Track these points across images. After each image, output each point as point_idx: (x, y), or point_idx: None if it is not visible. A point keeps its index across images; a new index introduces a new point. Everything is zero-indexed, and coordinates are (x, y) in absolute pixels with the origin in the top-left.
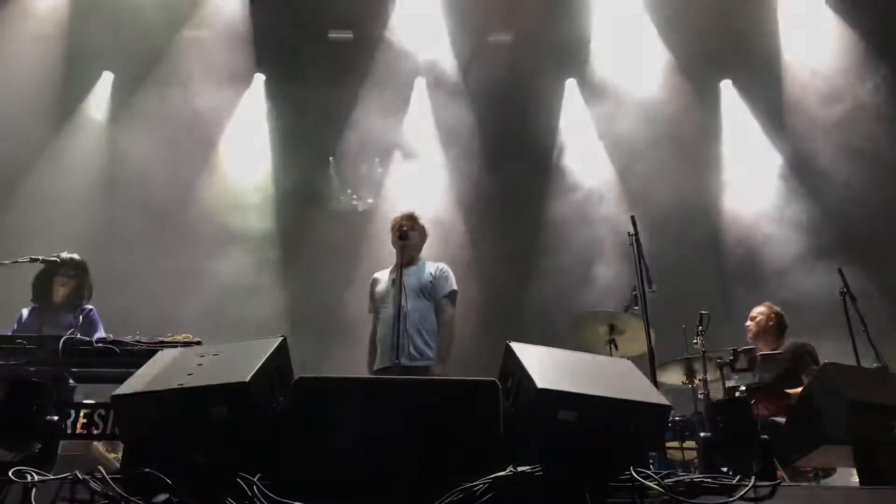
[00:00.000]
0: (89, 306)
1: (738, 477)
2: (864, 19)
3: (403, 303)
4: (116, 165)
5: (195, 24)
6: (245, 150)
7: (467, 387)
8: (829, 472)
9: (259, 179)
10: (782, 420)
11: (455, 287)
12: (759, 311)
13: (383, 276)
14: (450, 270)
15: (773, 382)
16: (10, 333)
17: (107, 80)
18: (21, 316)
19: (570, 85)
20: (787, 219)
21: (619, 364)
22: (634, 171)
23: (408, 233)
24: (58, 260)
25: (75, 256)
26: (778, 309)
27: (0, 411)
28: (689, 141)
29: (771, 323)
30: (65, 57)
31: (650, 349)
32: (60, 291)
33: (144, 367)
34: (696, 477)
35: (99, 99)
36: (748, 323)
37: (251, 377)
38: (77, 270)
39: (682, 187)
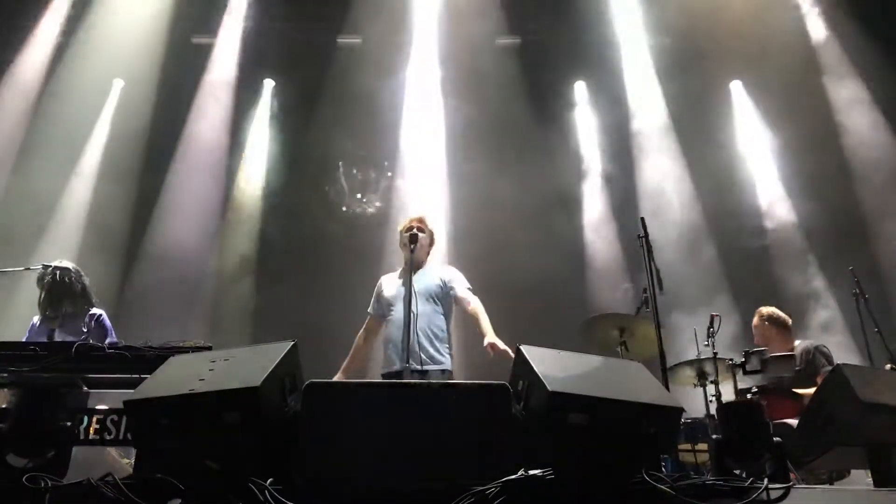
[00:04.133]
0: (99, 311)
1: (751, 479)
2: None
3: (414, 306)
4: (123, 170)
5: (204, 31)
6: (254, 156)
7: (478, 390)
8: (843, 474)
9: (268, 185)
10: (795, 422)
11: (469, 285)
12: (753, 323)
13: (391, 279)
14: (458, 271)
15: (786, 384)
16: (24, 340)
17: (116, 87)
18: (33, 323)
19: (580, 87)
20: (799, 219)
21: (630, 366)
22: (644, 173)
23: (417, 235)
24: (45, 268)
25: (59, 264)
26: (768, 311)
27: (14, 418)
28: (700, 142)
29: (768, 327)
30: (74, 65)
31: (661, 351)
32: (51, 300)
33: (156, 372)
34: (709, 479)
35: (108, 105)
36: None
37: (262, 382)
38: (48, 281)
39: (693, 189)
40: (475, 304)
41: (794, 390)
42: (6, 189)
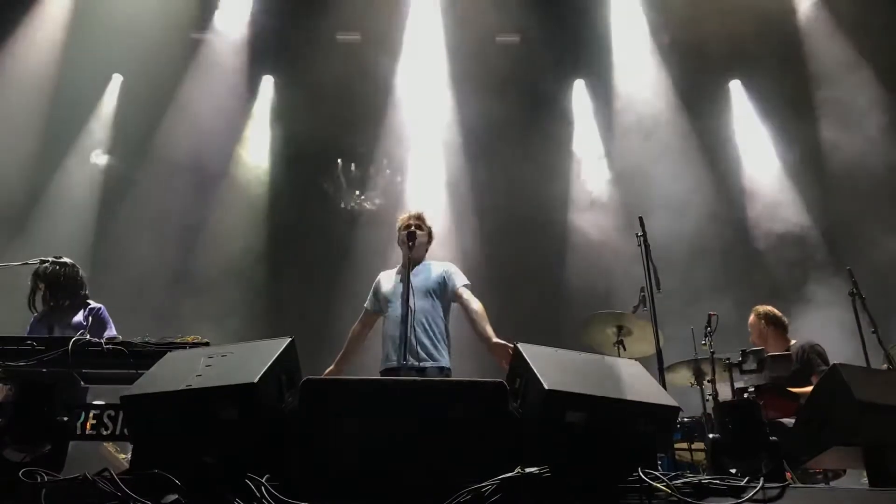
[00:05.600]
0: (98, 305)
1: (747, 478)
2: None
3: (411, 302)
4: (122, 166)
5: (204, 27)
6: (253, 153)
7: (475, 388)
8: (838, 473)
9: (267, 181)
10: (791, 421)
11: (468, 281)
12: (750, 322)
13: (390, 276)
14: (457, 267)
15: (783, 383)
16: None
17: (116, 82)
18: (34, 319)
19: (579, 86)
20: (798, 218)
21: (628, 365)
22: (643, 172)
23: (416, 233)
24: (42, 262)
25: (57, 259)
26: (765, 310)
27: (11, 412)
28: (699, 141)
29: (764, 326)
30: (74, 60)
31: (658, 350)
32: (50, 295)
33: (153, 368)
34: (705, 478)
35: (107, 101)
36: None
37: (259, 378)
38: (42, 277)
39: (692, 188)
40: (477, 305)
41: (791, 389)
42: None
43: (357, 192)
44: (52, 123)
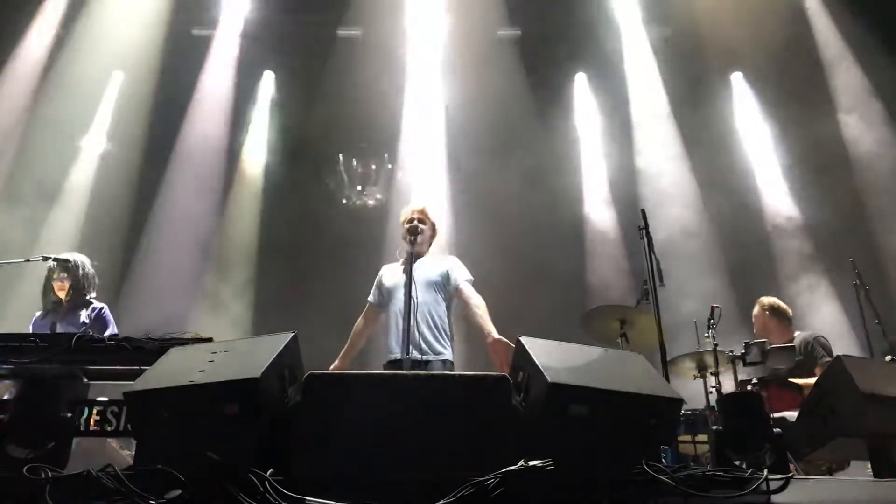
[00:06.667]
0: (100, 304)
1: (751, 470)
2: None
3: (414, 295)
4: (123, 162)
5: (204, 23)
6: (254, 149)
7: (478, 382)
8: (842, 465)
9: (268, 177)
10: (795, 413)
11: (470, 276)
12: (753, 313)
13: (393, 269)
14: (459, 261)
15: (786, 375)
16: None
17: (116, 79)
18: (36, 318)
19: (580, 79)
20: (800, 209)
21: (631, 358)
22: (645, 165)
23: (418, 227)
24: (51, 262)
25: (67, 256)
26: (769, 301)
27: (15, 409)
28: (701, 133)
29: (769, 318)
30: (72, 56)
31: (661, 343)
32: (59, 294)
33: (156, 364)
34: (709, 470)
35: (108, 98)
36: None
37: (262, 373)
38: (66, 271)
39: (694, 180)
40: (478, 300)
41: (794, 381)
42: (7, 180)
43: (359, 188)
44: (51, 119)
